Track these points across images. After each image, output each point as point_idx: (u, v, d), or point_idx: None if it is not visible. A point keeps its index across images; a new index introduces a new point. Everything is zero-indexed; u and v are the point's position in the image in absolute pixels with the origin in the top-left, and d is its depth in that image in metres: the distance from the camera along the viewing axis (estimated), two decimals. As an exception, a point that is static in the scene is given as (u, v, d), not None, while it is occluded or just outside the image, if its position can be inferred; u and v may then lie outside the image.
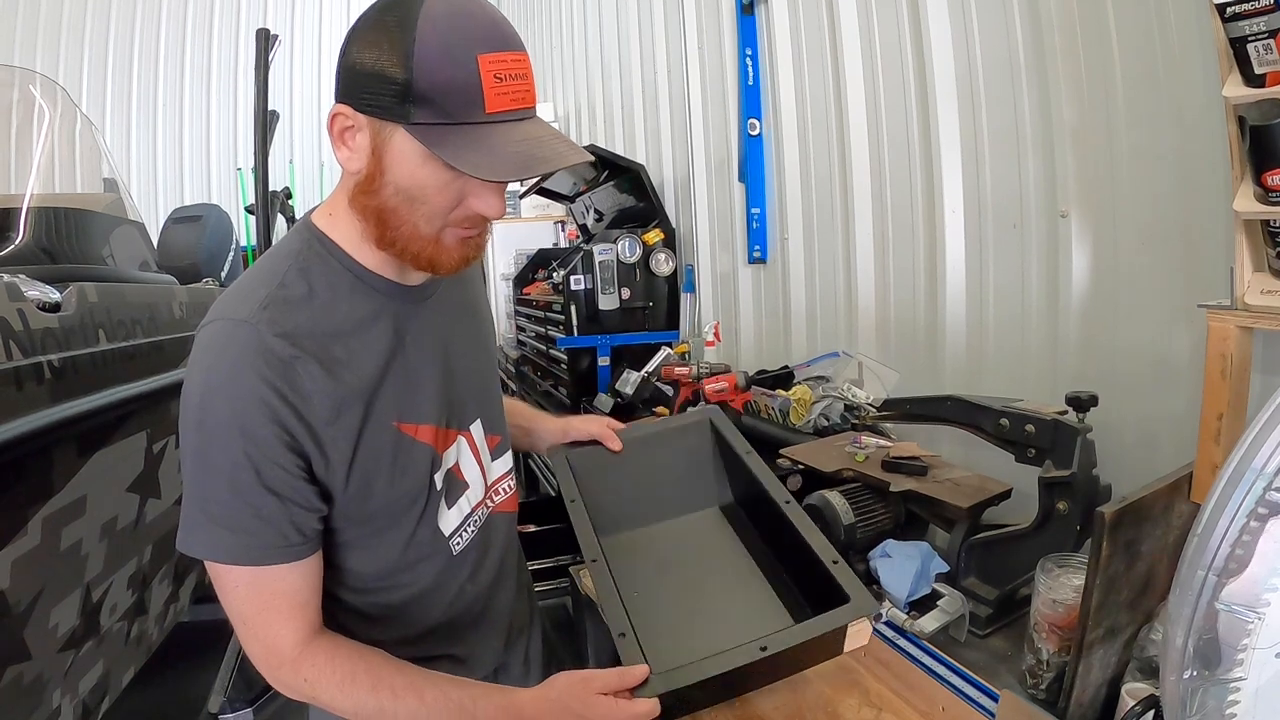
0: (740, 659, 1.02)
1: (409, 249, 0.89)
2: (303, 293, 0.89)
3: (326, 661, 0.90)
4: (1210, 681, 0.62)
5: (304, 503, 0.87)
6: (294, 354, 0.84)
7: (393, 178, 0.84)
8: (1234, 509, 0.56)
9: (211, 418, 0.82)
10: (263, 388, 0.82)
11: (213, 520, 0.84)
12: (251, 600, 0.88)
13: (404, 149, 0.82)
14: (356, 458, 0.90)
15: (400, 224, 0.87)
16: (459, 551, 1.05)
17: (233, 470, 0.82)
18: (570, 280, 3.35)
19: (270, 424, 0.82)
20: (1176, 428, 1.36)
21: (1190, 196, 1.36)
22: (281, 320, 0.85)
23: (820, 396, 2.21)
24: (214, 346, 0.84)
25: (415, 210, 0.86)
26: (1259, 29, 0.97)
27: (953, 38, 1.90)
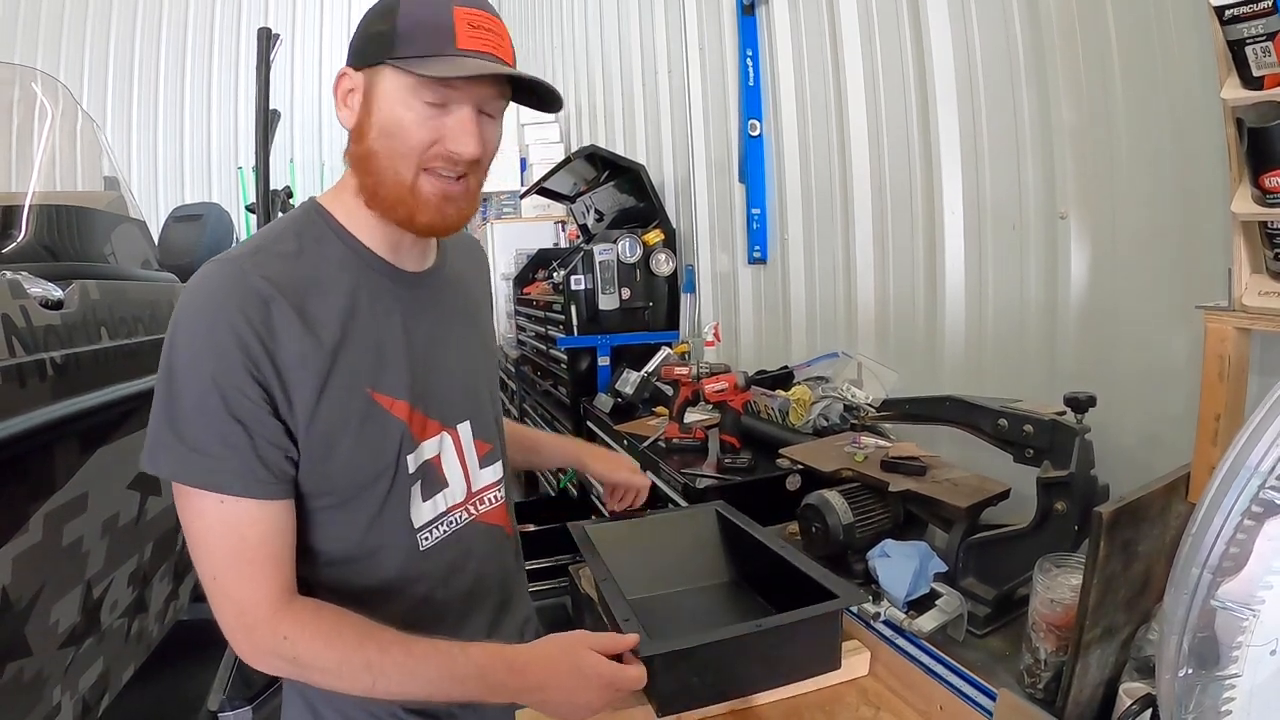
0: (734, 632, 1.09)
1: (389, 197, 0.93)
2: (292, 249, 0.93)
3: (311, 618, 0.88)
4: (1205, 680, 0.62)
5: (270, 437, 0.87)
6: (271, 295, 0.87)
7: (377, 119, 0.91)
8: (1229, 507, 0.56)
9: (185, 341, 0.85)
10: (237, 318, 0.84)
11: (180, 440, 0.85)
12: (222, 546, 0.86)
13: (386, 89, 0.90)
14: (320, 410, 0.90)
15: (381, 169, 0.92)
16: (426, 549, 1.02)
17: (201, 394, 0.84)
18: (570, 280, 3.35)
19: (239, 352, 0.84)
20: (1174, 428, 1.37)
21: (1188, 198, 1.37)
22: (265, 266, 0.89)
23: (819, 397, 2.21)
24: (200, 281, 0.88)
25: (394, 150, 0.90)
26: (1257, 32, 0.97)
27: (953, 39, 1.91)
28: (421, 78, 0.87)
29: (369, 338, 0.96)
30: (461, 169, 0.93)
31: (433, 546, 1.03)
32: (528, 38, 7.19)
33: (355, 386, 0.93)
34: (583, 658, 0.91)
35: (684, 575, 1.50)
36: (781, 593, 1.31)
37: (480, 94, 0.91)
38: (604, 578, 1.31)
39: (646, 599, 1.41)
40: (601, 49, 4.94)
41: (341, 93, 0.94)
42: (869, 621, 1.31)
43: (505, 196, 5.99)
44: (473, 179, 0.96)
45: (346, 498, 0.96)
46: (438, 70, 0.86)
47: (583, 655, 0.91)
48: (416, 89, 0.88)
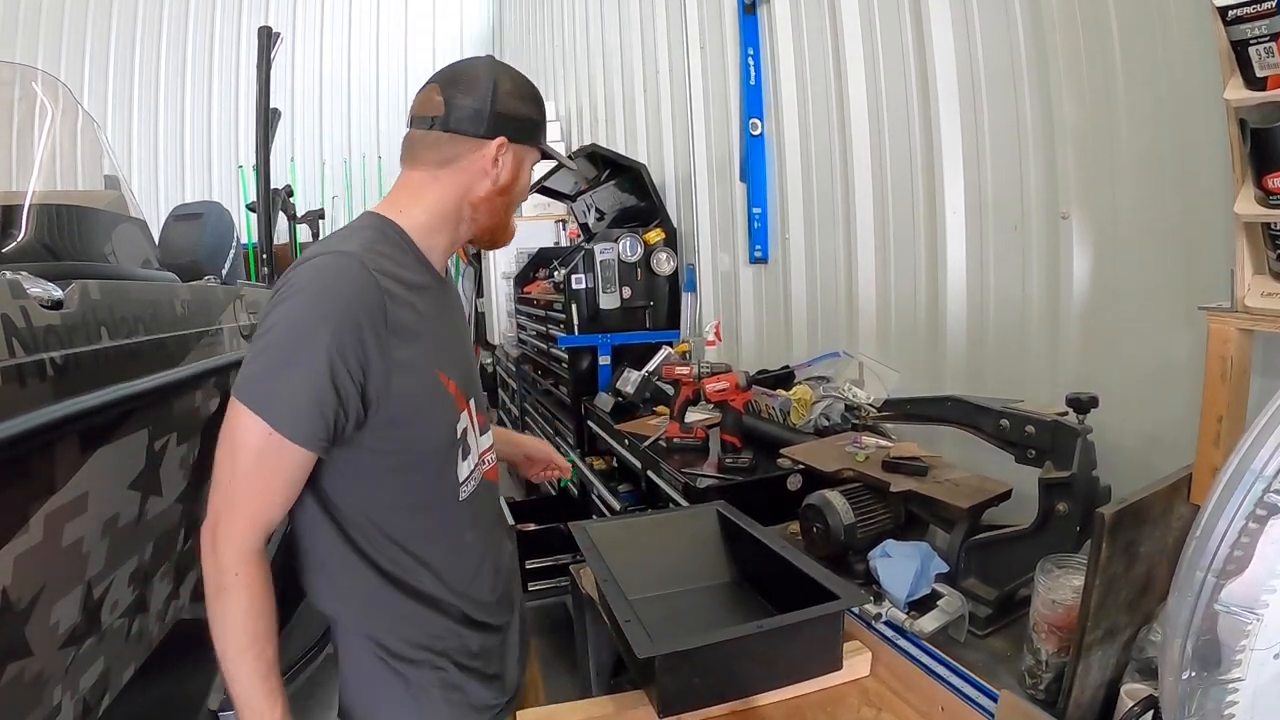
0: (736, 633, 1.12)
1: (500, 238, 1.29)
2: (387, 253, 1.12)
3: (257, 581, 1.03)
4: (1208, 683, 0.62)
5: (349, 408, 1.03)
6: (388, 289, 1.06)
7: (521, 182, 1.24)
8: (1233, 510, 0.56)
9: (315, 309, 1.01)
10: (362, 306, 1.02)
11: (274, 379, 1.00)
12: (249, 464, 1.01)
13: (528, 163, 1.24)
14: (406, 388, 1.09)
15: (510, 212, 1.26)
16: (464, 498, 1.22)
17: (313, 355, 0.99)
18: (571, 279, 3.35)
19: (356, 333, 1.01)
20: (1176, 429, 1.37)
21: (1191, 199, 1.37)
22: (375, 263, 1.07)
23: (821, 396, 2.21)
24: (332, 263, 1.05)
25: (518, 200, 1.26)
26: (1260, 32, 0.97)
27: (954, 38, 1.90)
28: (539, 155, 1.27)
29: (433, 329, 1.16)
30: None
31: (466, 497, 1.22)
32: (529, 37, 7.19)
33: (429, 369, 1.13)
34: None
35: (685, 575, 1.50)
36: (783, 593, 1.31)
37: None
38: (605, 578, 1.31)
39: (648, 599, 1.41)
40: (603, 48, 4.94)
41: (493, 157, 1.17)
42: (870, 622, 1.31)
43: (506, 195, 5.96)
44: None
45: (420, 458, 1.15)
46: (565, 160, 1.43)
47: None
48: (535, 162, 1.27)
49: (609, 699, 1.25)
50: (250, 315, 2.45)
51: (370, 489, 1.13)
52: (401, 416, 1.09)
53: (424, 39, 9.06)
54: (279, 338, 1.01)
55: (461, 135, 1.15)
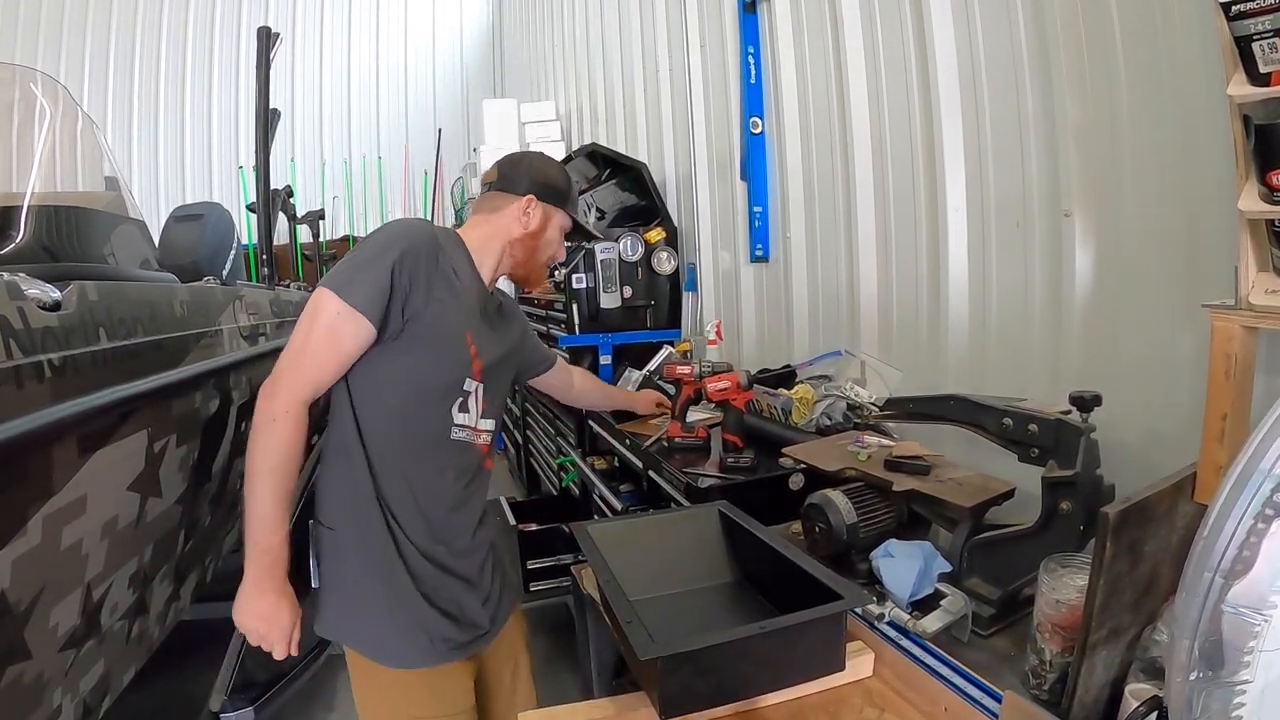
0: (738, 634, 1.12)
1: (530, 278, 1.67)
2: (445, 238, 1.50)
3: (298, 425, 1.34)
4: (1216, 684, 0.62)
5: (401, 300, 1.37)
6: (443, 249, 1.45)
7: (546, 238, 1.62)
8: (1241, 511, 0.56)
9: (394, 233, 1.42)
10: (426, 243, 1.42)
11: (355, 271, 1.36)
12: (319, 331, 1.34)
13: (557, 224, 1.63)
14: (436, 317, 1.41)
15: (536, 260, 1.63)
16: (454, 439, 1.49)
17: (384, 255, 1.36)
18: (572, 279, 3.34)
19: (416, 257, 1.38)
20: (1180, 428, 1.36)
21: (1194, 196, 1.36)
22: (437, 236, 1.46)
23: (822, 395, 2.20)
24: (406, 220, 1.53)
25: (545, 250, 1.63)
26: (1264, 28, 0.96)
27: (955, 36, 1.90)
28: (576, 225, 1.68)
29: (472, 307, 1.50)
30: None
31: (455, 440, 1.50)
32: (529, 35, 7.19)
33: (459, 326, 1.46)
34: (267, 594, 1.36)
35: (687, 576, 1.50)
36: (785, 593, 1.31)
37: None
38: (607, 579, 1.31)
39: (649, 599, 1.40)
40: (603, 46, 4.93)
41: (524, 207, 1.57)
42: (873, 622, 1.30)
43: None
44: None
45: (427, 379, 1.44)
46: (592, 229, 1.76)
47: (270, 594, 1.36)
48: (564, 227, 1.65)
49: (610, 700, 1.25)
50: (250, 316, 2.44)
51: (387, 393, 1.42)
52: (424, 337, 1.40)
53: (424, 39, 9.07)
54: (363, 250, 1.39)
55: (505, 193, 1.58)
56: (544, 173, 1.60)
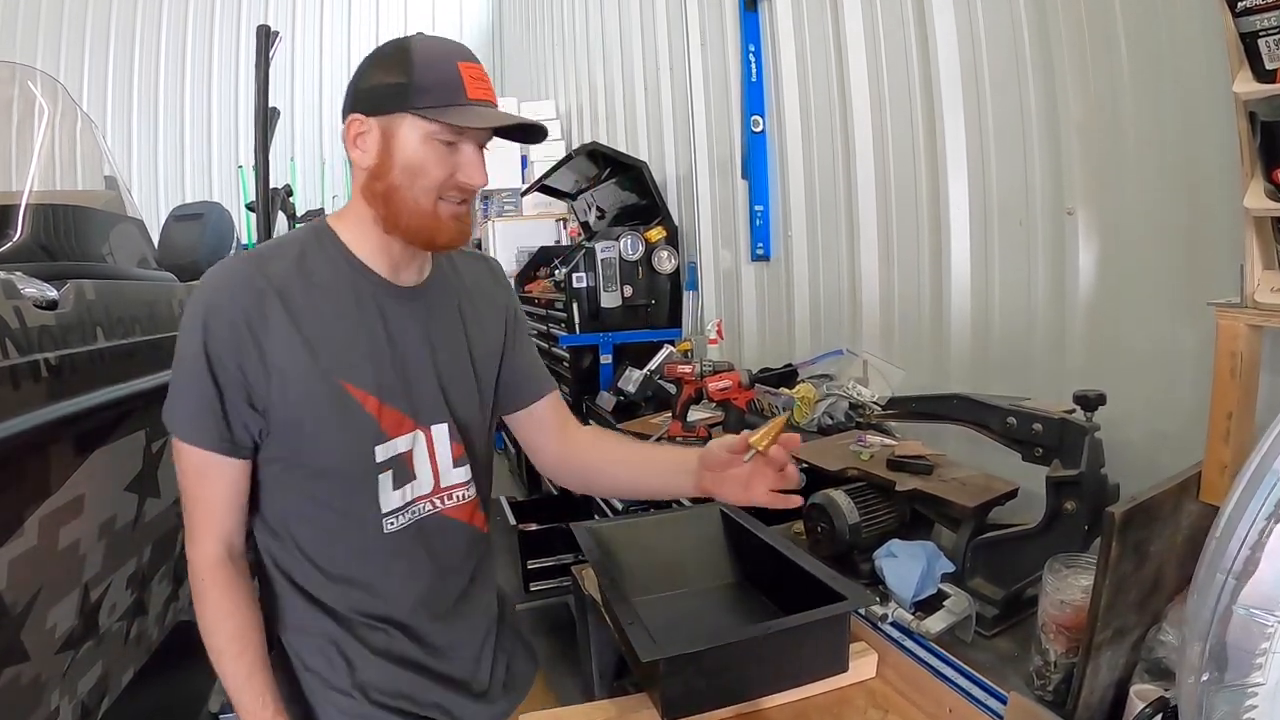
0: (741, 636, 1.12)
1: (411, 224, 1.07)
2: (294, 255, 1.09)
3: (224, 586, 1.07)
4: (1226, 685, 0.61)
5: (240, 407, 1.03)
6: (265, 289, 1.03)
7: (400, 159, 1.04)
8: (1254, 512, 0.55)
9: (190, 318, 1.03)
10: (233, 303, 1.02)
11: (176, 396, 1.04)
12: (189, 484, 1.06)
13: (408, 134, 1.03)
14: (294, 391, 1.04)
15: (404, 200, 1.05)
16: (391, 530, 1.12)
17: (194, 360, 1.01)
18: (572, 278, 3.34)
19: (230, 331, 1.01)
20: (1184, 427, 1.35)
21: (1199, 193, 1.35)
22: (265, 265, 1.06)
23: (824, 395, 2.20)
24: (213, 271, 1.07)
25: (416, 184, 1.05)
26: (1270, 24, 0.96)
27: (958, 33, 1.89)
28: (444, 125, 1.02)
29: (349, 336, 1.08)
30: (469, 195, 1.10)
31: (397, 530, 1.13)
32: (528, 35, 7.18)
33: (329, 377, 1.06)
34: None
35: (688, 576, 1.49)
36: (787, 594, 1.30)
37: (483, 135, 1.07)
38: (608, 579, 1.30)
39: (651, 600, 1.40)
40: (603, 45, 4.92)
41: (353, 136, 1.06)
42: (876, 623, 1.30)
43: (506, 194, 5.96)
44: (472, 201, 1.12)
45: (321, 471, 1.09)
46: (464, 120, 1.03)
47: None
48: (436, 134, 1.03)
49: (611, 702, 1.24)
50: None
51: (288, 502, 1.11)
52: (292, 423, 1.05)
53: (423, 38, 9.05)
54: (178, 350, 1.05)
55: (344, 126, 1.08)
56: (364, 75, 1.06)
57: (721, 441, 1.12)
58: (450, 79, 1.03)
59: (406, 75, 1.02)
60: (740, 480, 1.12)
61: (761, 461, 1.08)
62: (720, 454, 1.12)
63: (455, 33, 8.99)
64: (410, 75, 1.02)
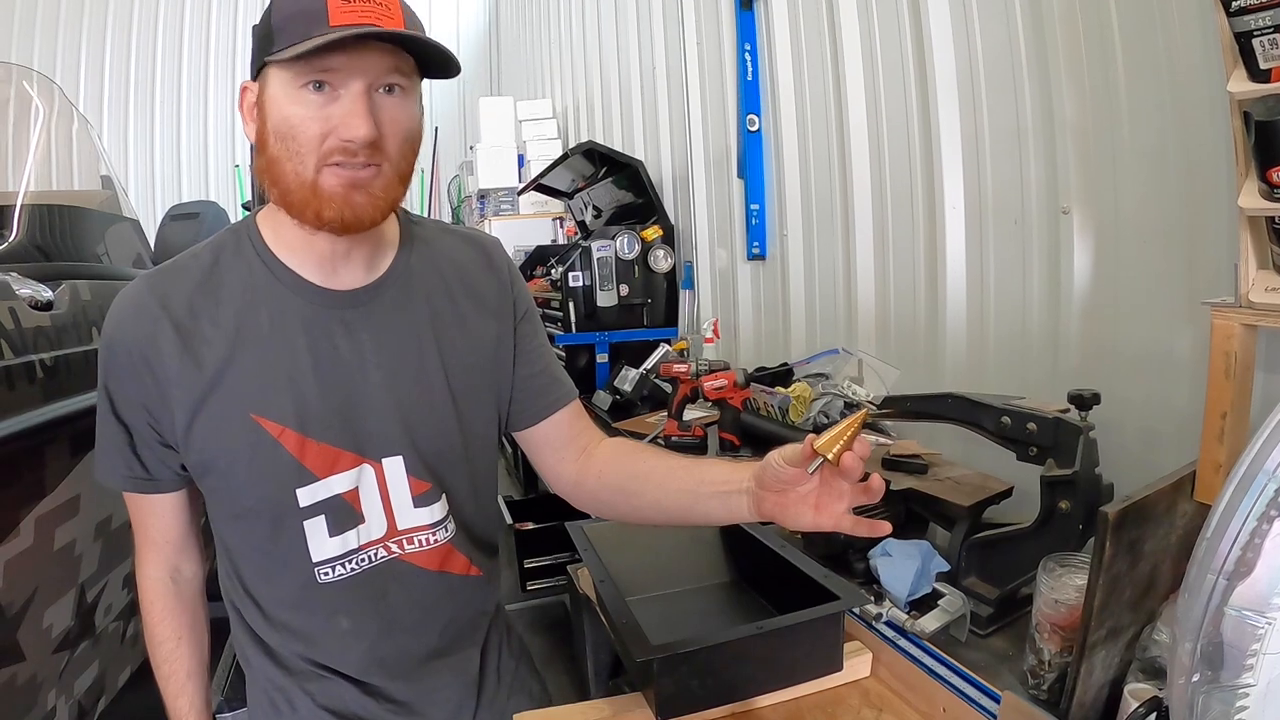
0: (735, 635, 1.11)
1: (296, 200, 0.86)
2: (205, 266, 0.94)
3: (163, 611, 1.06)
4: (1217, 686, 0.61)
5: (149, 441, 0.94)
6: (158, 314, 0.90)
7: (272, 124, 0.84)
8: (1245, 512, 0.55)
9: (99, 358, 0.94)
10: (126, 335, 0.90)
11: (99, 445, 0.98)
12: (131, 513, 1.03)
13: (274, 91, 0.84)
14: (196, 429, 0.92)
15: (284, 173, 0.85)
16: (327, 582, 0.97)
17: (102, 403, 0.94)
18: (568, 277, 3.33)
19: (125, 362, 0.90)
20: (1179, 426, 1.35)
21: (1194, 193, 1.35)
22: (164, 284, 0.92)
23: (820, 394, 2.20)
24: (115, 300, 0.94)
25: (291, 150, 0.83)
26: (1265, 24, 0.95)
27: (953, 32, 1.89)
28: (292, 63, 0.79)
29: (262, 361, 0.91)
30: (364, 156, 0.83)
31: (337, 580, 0.98)
32: (524, 33, 7.18)
33: (237, 411, 0.91)
34: None
35: (683, 575, 1.49)
36: (782, 593, 1.30)
37: (368, 69, 0.82)
38: (602, 578, 1.30)
39: (646, 599, 1.40)
40: (599, 44, 4.92)
41: (246, 108, 0.89)
42: (871, 622, 1.30)
43: (503, 193, 5.97)
44: (386, 165, 0.86)
45: (236, 515, 0.98)
46: (301, 47, 0.78)
47: None
48: (295, 79, 0.81)
49: (606, 701, 1.24)
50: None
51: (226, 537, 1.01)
52: (203, 463, 0.93)
53: (420, 36, 9.03)
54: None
55: None
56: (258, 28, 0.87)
57: (782, 452, 0.85)
58: (310, 8, 0.79)
59: (267, 19, 0.83)
60: (808, 501, 0.86)
61: (831, 474, 0.83)
62: (781, 469, 0.85)
63: (452, 32, 8.97)
64: (269, 17, 0.83)
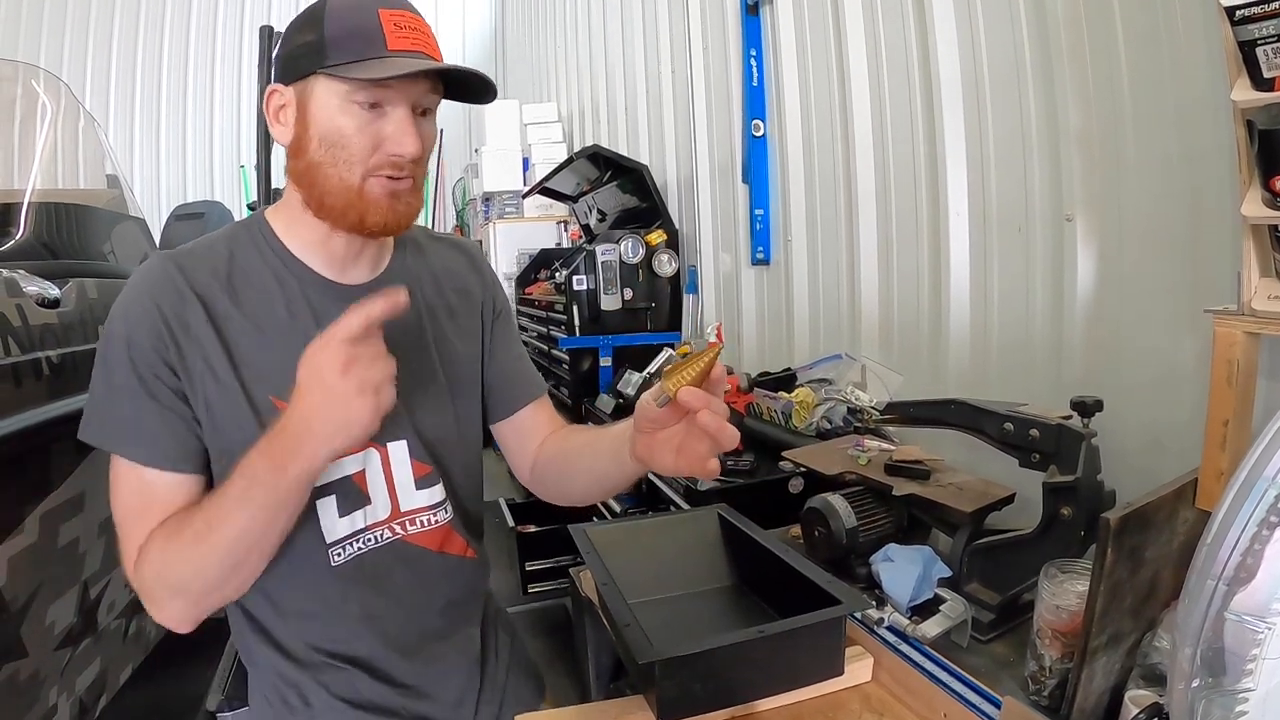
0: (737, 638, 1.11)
1: (338, 204, 0.93)
2: (223, 255, 0.98)
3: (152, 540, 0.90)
4: (1217, 691, 0.61)
5: (178, 416, 0.93)
6: (188, 294, 0.93)
7: (316, 130, 0.91)
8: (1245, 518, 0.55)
9: (112, 326, 0.93)
10: (154, 309, 0.91)
11: (107, 410, 0.93)
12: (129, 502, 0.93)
13: (323, 99, 0.91)
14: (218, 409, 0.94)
15: (326, 178, 0.92)
16: (339, 563, 1.01)
17: (123, 372, 0.91)
18: (573, 280, 3.34)
19: (154, 338, 0.91)
20: (1181, 433, 1.35)
21: (1197, 201, 1.35)
22: (189, 265, 0.95)
23: (823, 399, 2.20)
24: (136, 273, 0.96)
25: (338, 158, 0.91)
26: (1268, 33, 0.96)
27: (959, 40, 1.89)
28: (356, 81, 0.88)
29: (279, 347, 0.95)
30: (407, 169, 0.94)
31: (347, 561, 1.01)
32: (530, 38, 7.19)
33: (261, 392, 0.95)
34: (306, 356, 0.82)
35: (686, 579, 1.49)
36: (784, 597, 1.30)
37: (414, 93, 0.92)
38: (605, 581, 1.30)
39: (648, 602, 1.40)
40: (605, 48, 4.93)
41: (273, 110, 0.95)
42: (872, 627, 1.30)
43: (507, 196, 5.97)
44: (417, 175, 0.96)
45: None
46: (372, 73, 0.87)
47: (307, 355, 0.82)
48: (351, 94, 0.89)
49: (608, 704, 1.24)
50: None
51: None
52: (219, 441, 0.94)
53: (426, 39, 9.05)
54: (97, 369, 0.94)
55: None
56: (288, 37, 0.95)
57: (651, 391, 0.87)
58: (367, 27, 0.88)
59: (317, 31, 0.89)
60: (672, 444, 0.87)
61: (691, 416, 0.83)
62: (647, 408, 0.86)
63: (458, 35, 9.01)
64: (321, 30, 0.89)
